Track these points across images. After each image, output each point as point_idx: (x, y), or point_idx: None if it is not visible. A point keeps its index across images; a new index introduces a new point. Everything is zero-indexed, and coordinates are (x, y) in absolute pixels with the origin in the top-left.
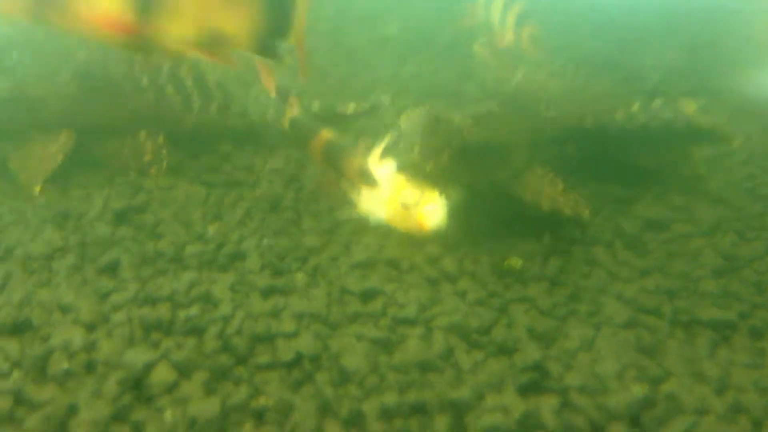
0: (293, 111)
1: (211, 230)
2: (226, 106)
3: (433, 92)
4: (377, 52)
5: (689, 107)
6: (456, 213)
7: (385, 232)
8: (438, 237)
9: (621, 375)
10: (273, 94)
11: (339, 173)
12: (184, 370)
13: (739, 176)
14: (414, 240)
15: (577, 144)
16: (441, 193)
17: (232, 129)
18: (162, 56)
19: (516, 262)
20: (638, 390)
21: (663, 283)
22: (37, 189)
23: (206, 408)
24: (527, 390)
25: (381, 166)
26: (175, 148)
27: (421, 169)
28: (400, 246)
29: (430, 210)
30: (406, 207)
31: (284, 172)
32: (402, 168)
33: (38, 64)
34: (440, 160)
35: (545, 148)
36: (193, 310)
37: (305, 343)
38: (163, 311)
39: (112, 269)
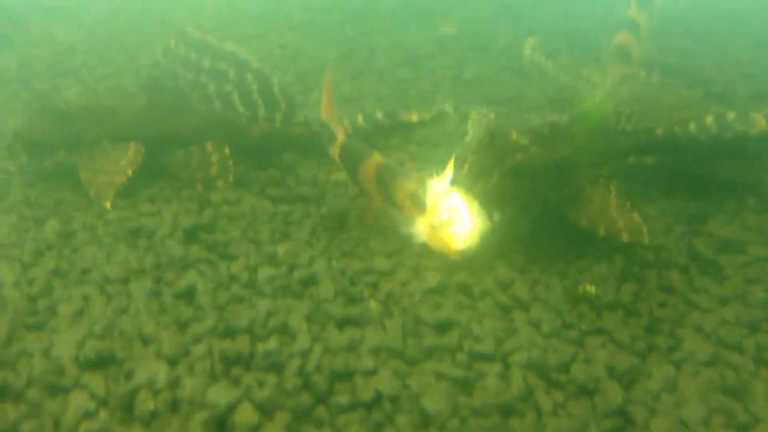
0: (341, 137)
1: (281, 251)
2: (290, 115)
3: (495, 98)
4: (436, 52)
5: (760, 119)
6: (523, 234)
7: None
8: (508, 260)
9: (708, 421)
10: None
11: (390, 199)
12: (266, 411)
13: None
14: (483, 263)
15: (649, 157)
16: (487, 214)
17: (297, 138)
18: None
19: (590, 288)
20: None
21: (743, 313)
22: (108, 204)
23: None
24: None
25: (440, 183)
26: (241, 159)
27: (470, 188)
28: (470, 270)
29: (459, 230)
30: (434, 226)
31: (348, 185)
32: (453, 184)
33: (103, 66)
34: (489, 181)
35: (614, 163)
36: (272, 344)
37: (384, 382)
38: (242, 344)
39: (189, 295)
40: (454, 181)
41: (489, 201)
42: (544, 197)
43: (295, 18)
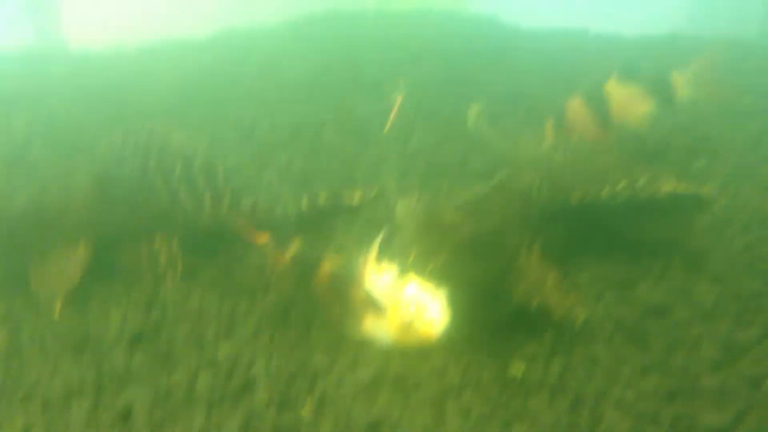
0: (294, 249)
1: (222, 353)
2: (237, 202)
3: (438, 168)
4: (385, 124)
5: (670, 181)
6: (458, 315)
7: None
8: (443, 344)
9: None
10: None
11: (344, 305)
12: None
13: (738, 247)
14: (420, 352)
15: (574, 222)
16: (441, 297)
17: (245, 227)
18: None
19: (518, 368)
20: None
21: (663, 382)
22: (57, 309)
23: None
24: None
25: (382, 273)
26: (190, 251)
27: (420, 274)
28: (405, 359)
29: (430, 319)
30: (406, 321)
31: (294, 272)
32: (401, 273)
33: (58, 161)
34: (437, 263)
35: (542, 230)
36: None
37: None
38: None
39: (126, 413)
40: (403, 270)
41: (441, 283)
42: (487, 269)
43: (252, 93)
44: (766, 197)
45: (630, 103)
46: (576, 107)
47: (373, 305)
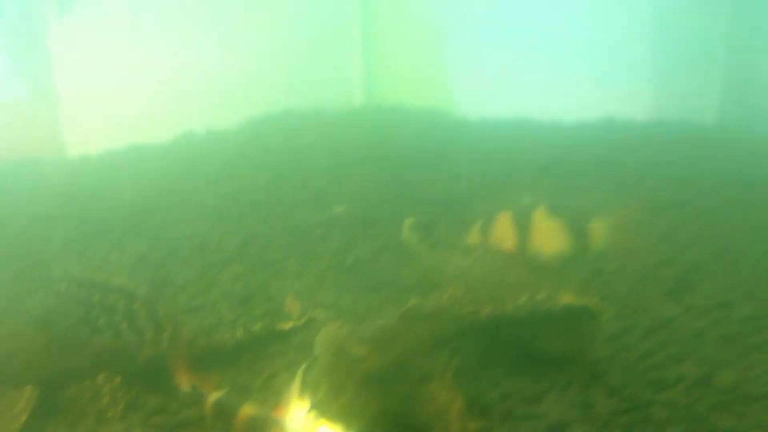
0: (216, 392)
1: None
2: (175, 335)
3: (373, 283)
4: (326, 234)
5: (568, 296)
6: None
7: None
8: None
9: None
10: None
11: None
12: None
13: (636, 356)
14: None
15: (487, 337)
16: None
17: (184, 358)
18: None
19: None
20: None
21: None
22: None
23: None
24: None
25: (296, 414)
26: (131, 386)
27: (329, 409)
28: None
29: None
30: None
31: (227, 404)
32: (313, 412)
33: (17, 286)
34: (345, 397)
35: (456, 349)
36: None
37: None
38: None
39: None
40: (313, 408)
41: (351, 417)
42: (388, 405)
43: (205, 203)
44: (661, 306)
45: (550, 232)
46: (500, 225)
47: None
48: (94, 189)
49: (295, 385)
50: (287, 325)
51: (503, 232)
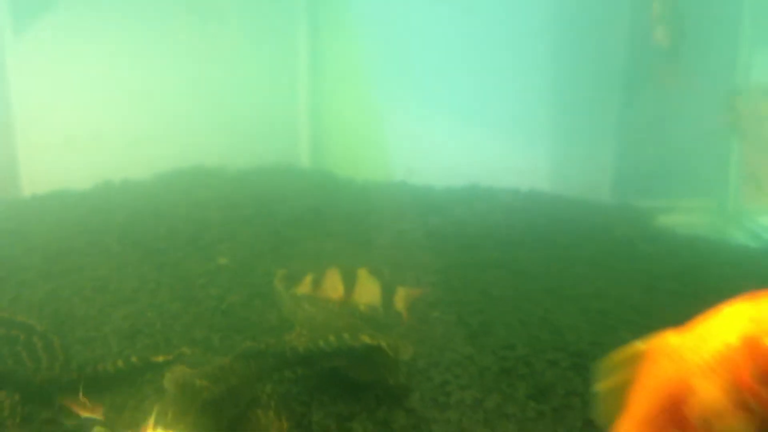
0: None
1: None
2: (67, 363)
3: (241, 324)
4: (208, 283)
5: (366, 337)
6: None
7: None
8: None
9: None
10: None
11: None
12: None
13: (435, 384)
14: None
15: (306, 369)
16: None
17: (73, 382)
18: None
19: None
20: None
21: None
22: None
23: None
24: None
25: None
26: (27, 402)
27: (176, 429)
28: None
29: None
30: None
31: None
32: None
33: None
34: (187, 422)
35: (286, 380)
36: None
37: None
38: None
39: None
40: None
41: None
42: (223, 423)
43: (112, 250)
44: (463, 346)
45: (370, 288)
46: (333, 280)
47: None
48: (14, 232)
49: (152, 411)
50: (160, 359)
51: (337, 286)
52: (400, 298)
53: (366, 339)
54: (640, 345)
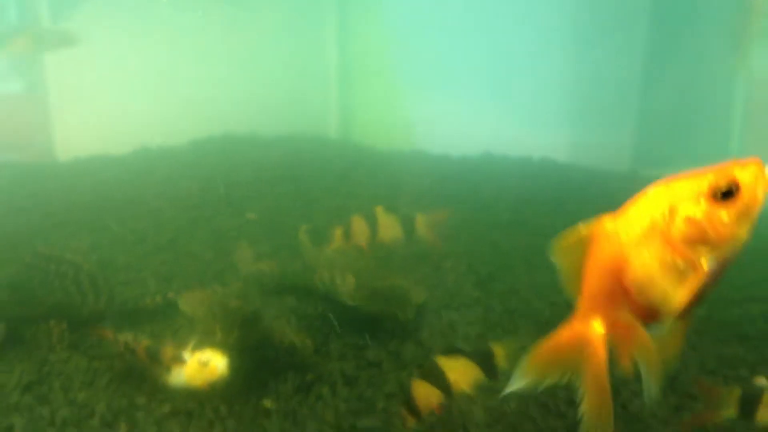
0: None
1: (81, 397)
2: (111, 298)
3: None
4: (237, 235)
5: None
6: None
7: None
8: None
9: None
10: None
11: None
12: None
13: (445, 322)
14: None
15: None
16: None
17: (116, 314)
18: None
19: (268, 403)
20: None
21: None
22: None
23: None
24: None
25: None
26: (74, 330)
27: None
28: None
29: (218, 366)
30: (203, 364)
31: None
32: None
33: None
34: (232, 335)
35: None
36: None
37: None
38: None
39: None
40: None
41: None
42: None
43: (150, 206)
44: (473, 291)
45: (387, 227)
46: (355, 225)
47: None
48: (61, 190)
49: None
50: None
51: (364, 231)
52: (422, 224)
53: (390, 282)
54: (582, 229)
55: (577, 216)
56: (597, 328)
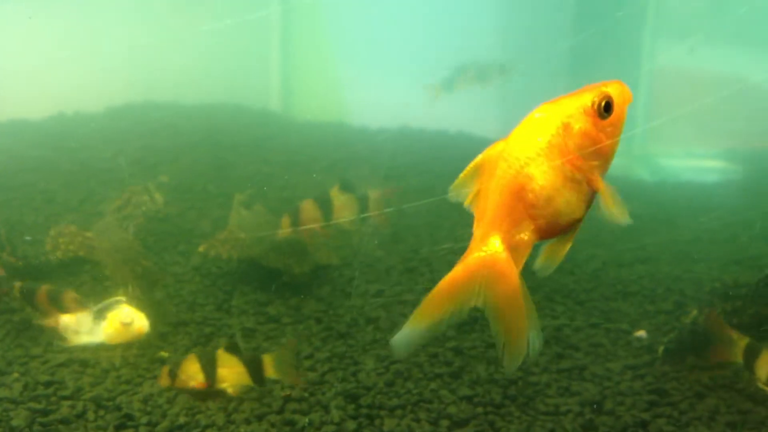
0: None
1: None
2: (13, 253)
3: (175, 230)
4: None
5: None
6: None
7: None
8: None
9: None
10: None
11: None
12: None
13: (346, 279)
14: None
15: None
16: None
17: (16, 267)
18: None
19: (164, 353)
20: None
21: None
22: None
23: None
24: None
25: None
26: None
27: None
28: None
29: (143, 326)
30: (126, 325)
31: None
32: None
33: None
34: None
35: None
36: None
37: None
38: None
39: None
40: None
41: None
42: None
43: (62, 169)
44: (376, 252)
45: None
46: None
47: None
48: None
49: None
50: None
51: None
52: (375, 201)
53: (276, 234)
54: (478, 158)
55: None
56: (501, 249)
